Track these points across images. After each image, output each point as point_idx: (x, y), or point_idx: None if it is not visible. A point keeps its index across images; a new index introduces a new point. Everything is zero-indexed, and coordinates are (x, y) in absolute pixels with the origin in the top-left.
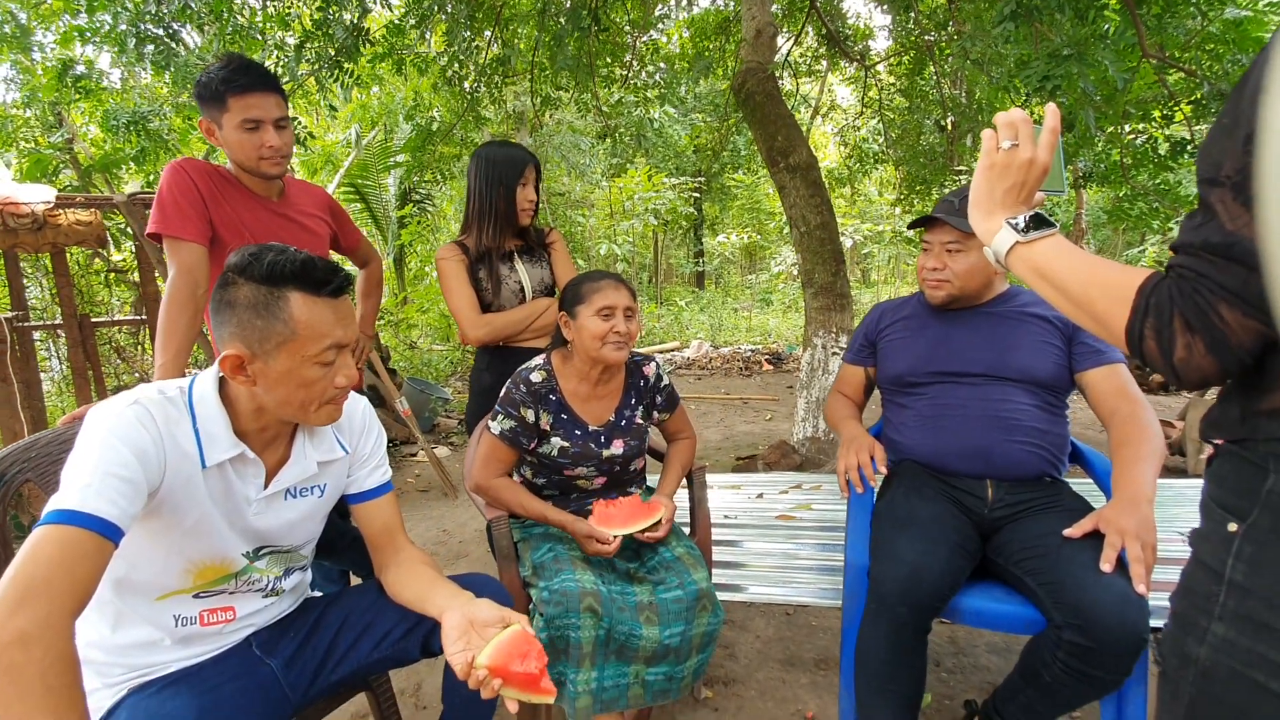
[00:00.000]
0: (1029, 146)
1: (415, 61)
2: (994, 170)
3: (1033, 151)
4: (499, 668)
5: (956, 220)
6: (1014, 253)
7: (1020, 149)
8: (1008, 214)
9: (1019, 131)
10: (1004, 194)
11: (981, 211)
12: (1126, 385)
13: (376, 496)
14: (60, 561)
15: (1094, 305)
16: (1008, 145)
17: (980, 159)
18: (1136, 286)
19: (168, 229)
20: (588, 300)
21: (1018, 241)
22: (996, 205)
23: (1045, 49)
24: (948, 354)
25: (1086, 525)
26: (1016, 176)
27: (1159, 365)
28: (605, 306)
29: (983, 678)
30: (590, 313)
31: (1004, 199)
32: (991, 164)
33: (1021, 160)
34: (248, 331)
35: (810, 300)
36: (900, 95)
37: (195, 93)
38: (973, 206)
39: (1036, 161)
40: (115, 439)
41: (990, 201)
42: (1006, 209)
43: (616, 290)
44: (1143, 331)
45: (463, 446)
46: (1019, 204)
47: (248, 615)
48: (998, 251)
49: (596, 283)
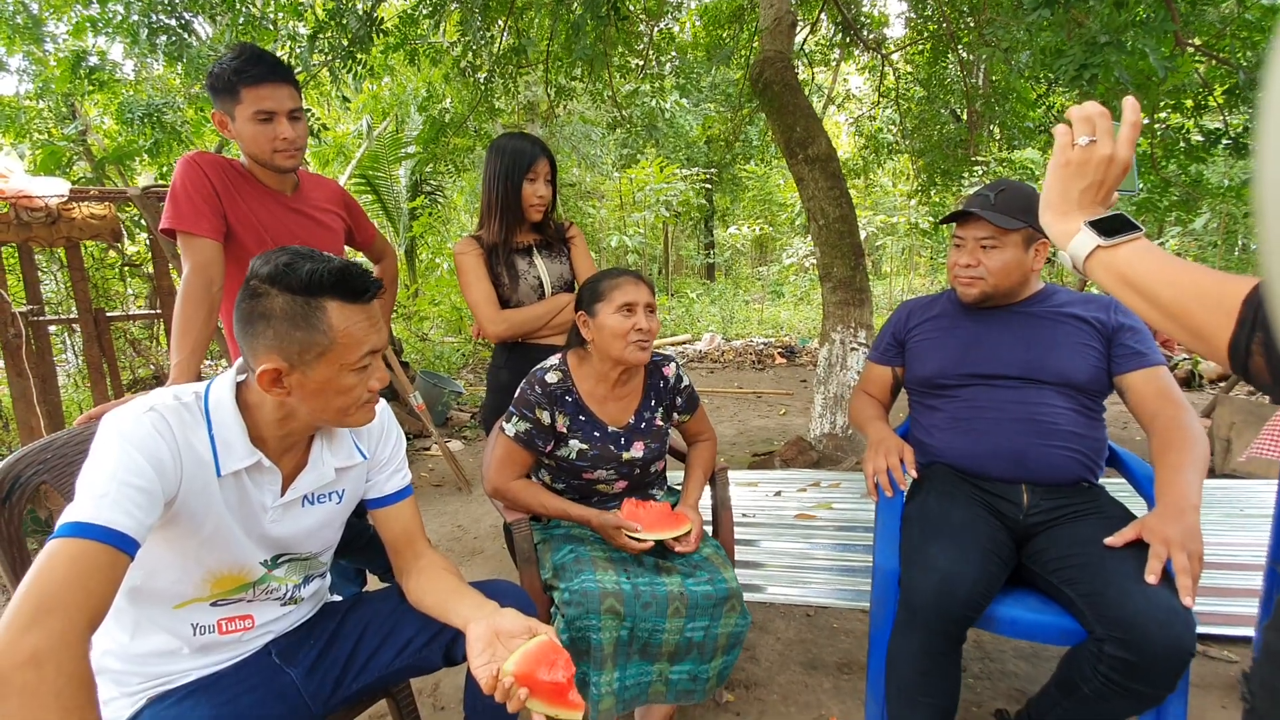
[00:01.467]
0: (1108, 142)
1: (428, 52)
2: (1070, 168)
3: (1112, 148)
4: (526, 675)
5: (993, 215)
6: (1094, 258)
7: (1099, 145)
8: (1085, 215)
9: (1097, 126)
10: (1081, 194)
11: (1055, 212)
12: (1169, 388)
13: (396, 501)
14: (74, 576)
15: (1190, 316)
16: (1084, 141)
17: (1054, 156)
18: (1242, 297)
19: (181, 225)
20: (607, 297)
21: (1099, 246)
22: (1073, 206)
23: (1081, 36)
24: (981, 355)
25: (1129, 534)
26: (1095, 175)
27: (1264, 383)
28: (626, 303)
29: (1010, 685)
30: (610, 310)
31: (1081, 199)
32: (1067, 161)
33: (1101, 157)
34: (286, 344)
35: (828, 295)
36: (918, 85)
37: (208, 84)
38: (1045, 207)
39: (1117, 158)
40: (131, 447)
41: (1065, 202)
42: (1084, 210)
43: (637, 286)
44: (1249, 347)
45: (475, 440)
46: (1096, 204)
47: (266, 623)
48: (1075, 256)
49: (615, 279)
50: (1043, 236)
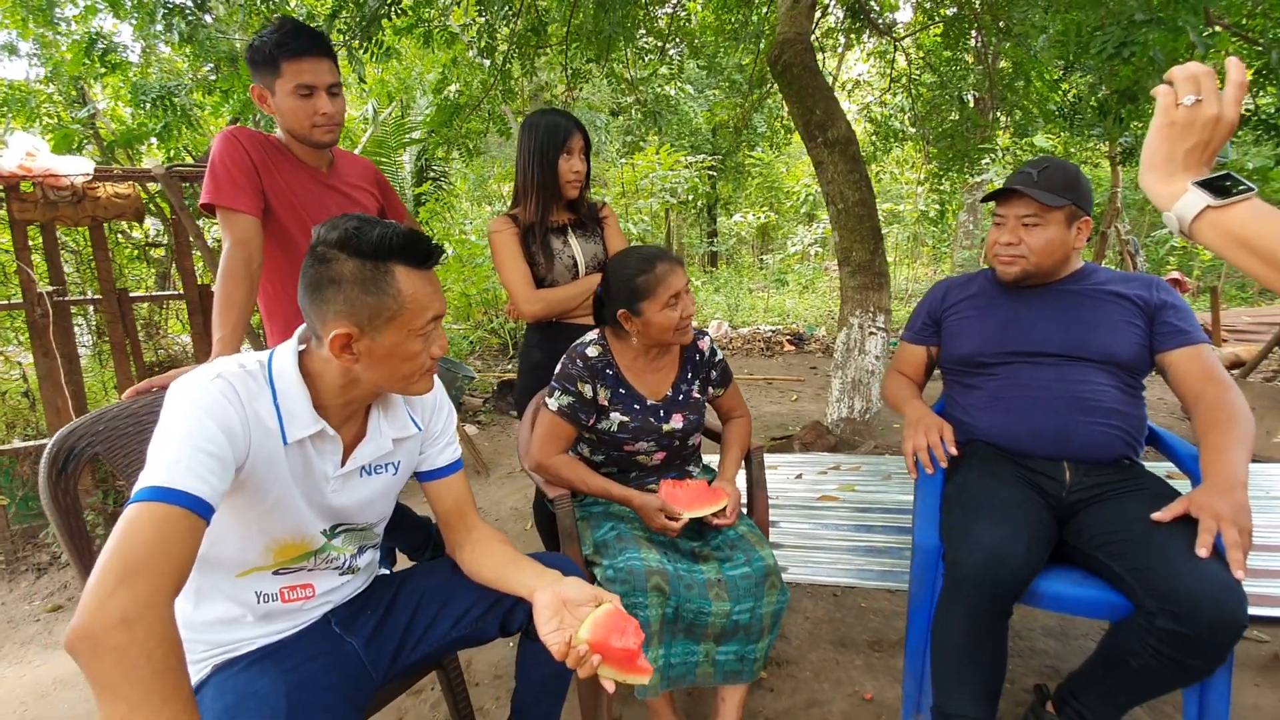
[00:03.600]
0: (1214, 101)
1: (443, 34)
2: (1174, 129)
3: (1219, 107)
4: (600, 643)
5: (1036, 192)
6: (1203, 218)
7: (1205, 104)
8: (1191, 176)
9: (1202, 85)
10: (1185, 155)
11: (1158, 174)
12: (1213, 367)
13: (449, 474)
14: (157, 540)
15: None
16: (1190, 101)
17: (1156, 117)
18: None
19: (221, 200)
20: (653, 294)
21: (1209, 206)
22: (1178, 167)
23: (1121, 13)
24: (1020, 333)
25: (1177, 509)
26: (1201, 135)
27: None
28: (672, 296)
29: (1041, 661)
30: (658, 307)
31: (1186, 160)
32: (1171, 122)
33: (1208, 116)
34: (356, 308)
35: (847, 279)
36: (929, 70)
37: (248, 58)
38: (1146, 170)
39: (1224, 118)
40: (203, 414)
41: (1170, 163)
42: (1190, 171)
43: (675, 273)
44: None
45: (490, 425)
46: (1202, 165)
47: (326, 593)
48: (1183, 217)
49: (653, 271)
50: (1086, 214)
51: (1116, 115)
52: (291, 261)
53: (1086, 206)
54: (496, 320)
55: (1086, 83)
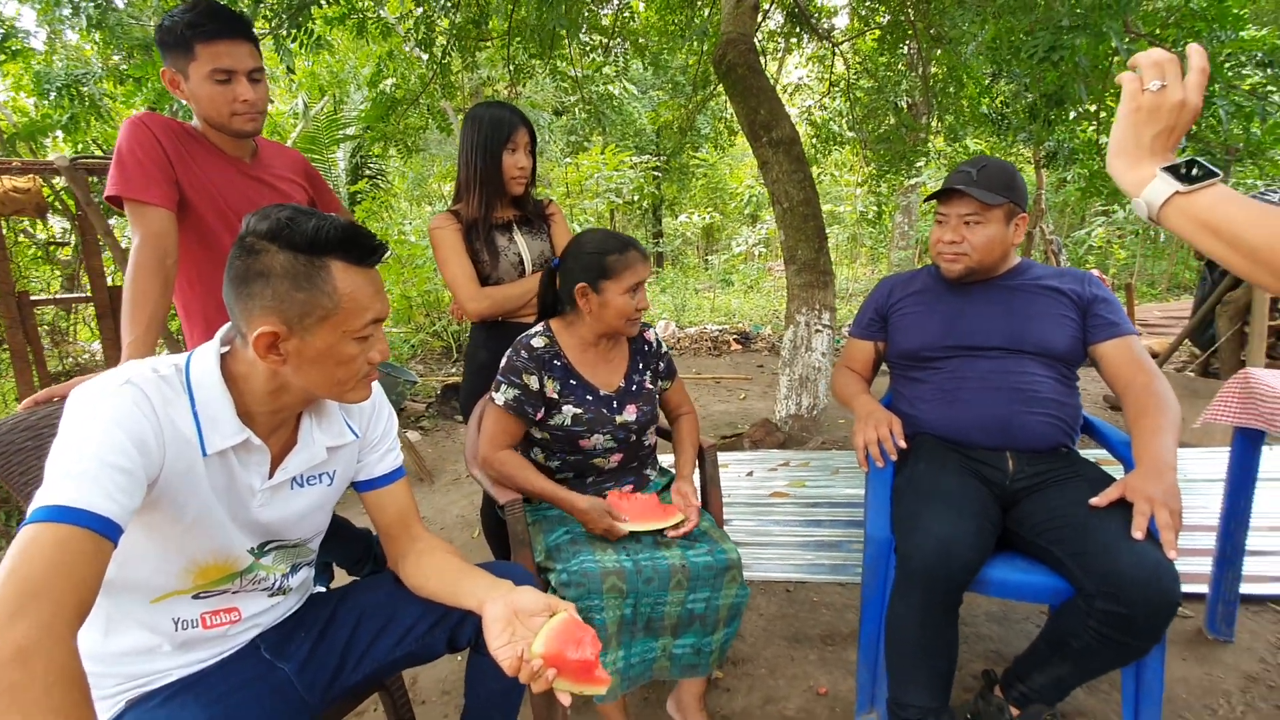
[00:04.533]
0: (1179, 87)
1: (378, 25)
2: (1141, 113)
3: (1183, 93)
4: (555, 656)
5: (977, 191)
6: (1171, 204)
7: (1169, 90)
8: (1158, 162)
9: (1166, 71)
10: (1152, 140)
11: (1126, 160)
12: (1141, 357)
13: (389, 483)
14: (57, 564)
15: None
16: (1155, 86)
17: (1123, 103)
18: None
19: (130, 191)
20: (617, 275)
21: (1177, 191)
22: (1145, 153)
23: (1047, 20)
24: (964, 327)
25: (1113, 494)
26: (1167, 120)
27: None
28: (636, 284)
29: (986, 646)
30: (620, 290)
31: (1153, 145)
32: (1138, 107)
33: (1173, 102)
34: (285, 305)
35: (793, 277)
36: (867, 75)
37: (157, 38)
38: (1114, 156)
39: (1188, 104)
40: (110, 424)
41: (1138, 149)
42: (1156, 156)
43: (644, 264)
44: None
45: (433, 431)
46: (1168, 150)
47: (253, 616)
48: (1151, 203)
49: (624, 254)
50: (1022, 211)
51: (1045, 118)
52: (212, 257)
53: (1023, 203)
54: (440, 323)
55: (1013, 89)
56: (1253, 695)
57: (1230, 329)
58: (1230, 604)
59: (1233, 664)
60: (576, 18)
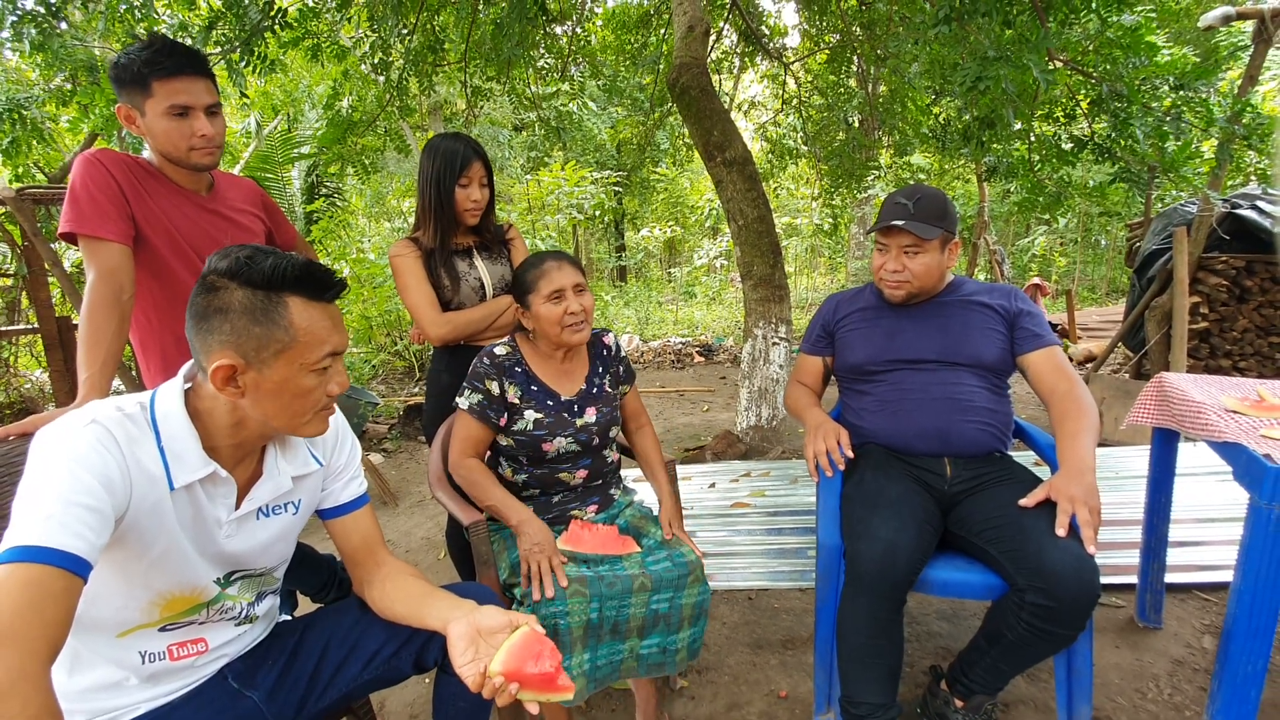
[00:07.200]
0: None
1: (332, 49)
2: None
3: None
4: (514, 672)
5: (915, 226)
6: None
7: None
8: None
9: None
10: None
11: None
12: (1063, 365)
13: (354, 510)
14: (28, 604)
15: None
16: None
17: None
18: None
19: (85, 228)
20: (535, 287)
21: None
22: None
23: (974, 51)
24: (904, 343)
25: (1039, 495)
26: None
27: None
28: (554, 291)
29: (936, 643)
30: (541, 300)
31: None
32: None
33: None
34: (243, 339)
35: (749, 292)
36: (818, 93)
37: (112, 75)
38: None
39: None
40: (76, 464)
41: None
42: None
43: (561, 270)
44: None
45: (396, 453)
46: None
47: (220, 646)
48: None
49: (540, 266)
50: (955, 238)
51: (979, 140)
52: (169, 292)
53: (955, 230)
54: (401, 342)
55: (955, 106)
56: (1179, 678)
57: (1158, 333)
58: (1158, 593)
59: (1162, 649)
60: (529, 43)
